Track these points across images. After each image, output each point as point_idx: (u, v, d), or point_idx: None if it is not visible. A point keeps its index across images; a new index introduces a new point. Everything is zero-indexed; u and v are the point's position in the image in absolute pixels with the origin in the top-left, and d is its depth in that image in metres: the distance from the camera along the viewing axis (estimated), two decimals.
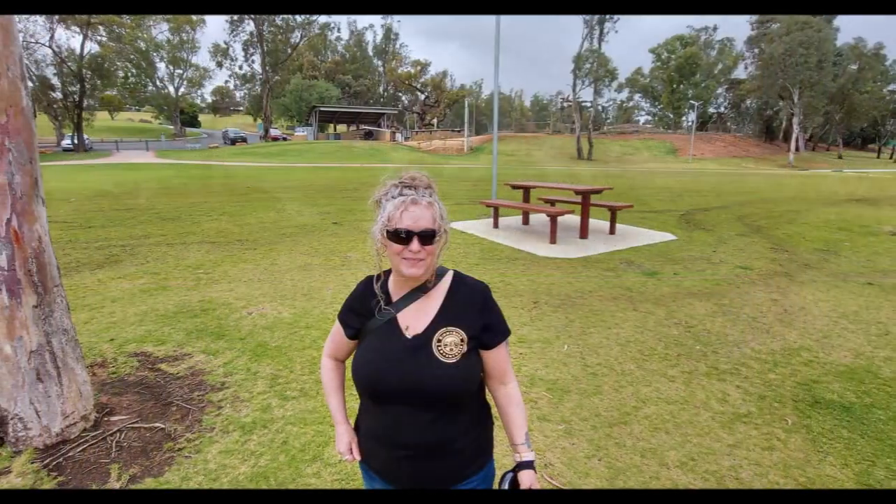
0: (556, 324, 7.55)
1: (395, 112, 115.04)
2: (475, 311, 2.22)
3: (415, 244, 2.04)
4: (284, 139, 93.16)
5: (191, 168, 45.14)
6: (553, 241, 13.04)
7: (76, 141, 68.49)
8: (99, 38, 72.14)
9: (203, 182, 31.36)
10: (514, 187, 16.19)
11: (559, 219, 13.91)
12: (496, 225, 15.47)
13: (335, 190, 26.89)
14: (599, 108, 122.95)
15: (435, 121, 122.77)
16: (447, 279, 2.29)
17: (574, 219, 15.54)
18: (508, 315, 7.49)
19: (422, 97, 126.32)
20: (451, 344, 2.13)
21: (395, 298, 2.26)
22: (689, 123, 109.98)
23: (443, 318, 2.18)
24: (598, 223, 15.81)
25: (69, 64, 68.04)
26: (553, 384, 5.75)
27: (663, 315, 7.97)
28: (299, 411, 5.10)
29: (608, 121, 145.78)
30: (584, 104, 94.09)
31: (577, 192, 14.24)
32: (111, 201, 20.98)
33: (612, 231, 14.53)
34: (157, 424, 4.83)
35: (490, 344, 2.22)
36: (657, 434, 4.82)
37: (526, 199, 16.04)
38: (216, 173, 39.01)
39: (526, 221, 16.29)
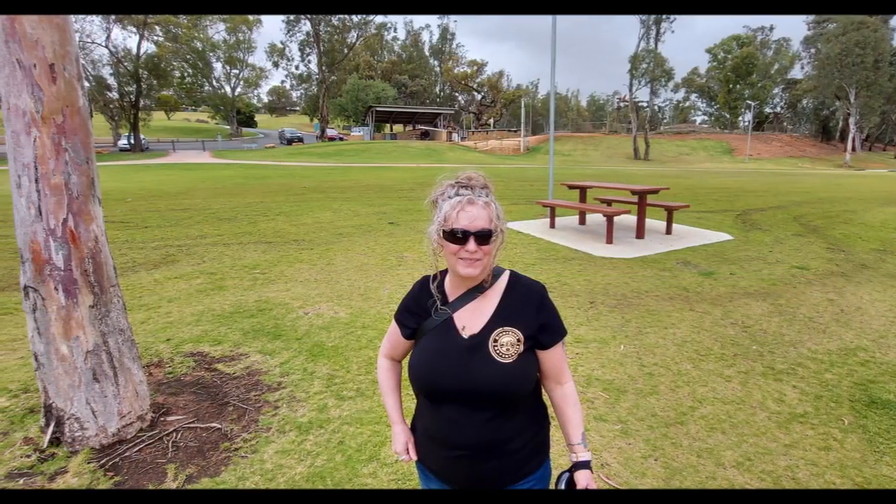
0: (612, 324, 7.44)
1: (452, 112, 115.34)
2: (532, 311, 2.20)
3: (471, 244, 2.04)
4: (341, 139, 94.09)
5: (247, 168, 45.71)
6: (609, 241, 12.88)
7: (132, 141, 69.78)
8: (155, 38, 73.75)
9: (260, 182, 31.77)
10: (571, 187, 16.04)
11: (616, 219, 13.78)
12: (553, 225, 15.33)
13: (391, 190, 27.03)
14: (656, 108, 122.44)
15: (491, 121, 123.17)
16: (504, 279, 2.28)
17: (630, 219, 15.38)
18: (565, 315, 7.42)
19: (478, 97, 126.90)
20: (507, 344, 2.12)
21: (451, 298, 2.26)
22: (746, 123, 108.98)
23: (499, 318, 2.17)
24: (654, 223, 15.59)
25: (126, 64, 69.52)
26: (609, 384, 5.68)
27: (720, 315, 7.83)
28: (356, 411, 5.08)
29: (665, 121, 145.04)
30: (640, 104, 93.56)
31: (634, 192, 14.03)
32: (167, 201, 21.35)
33: (668, 231, 14.30)
34: (213, 424, 4.83)
35: (546, 344, 2.21)
36: (713, 434, 4.75)
37: (582, 199, 15.88)
38: (273, 173, 39.43)
39: (582, 221, 16.12)
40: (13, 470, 4.10)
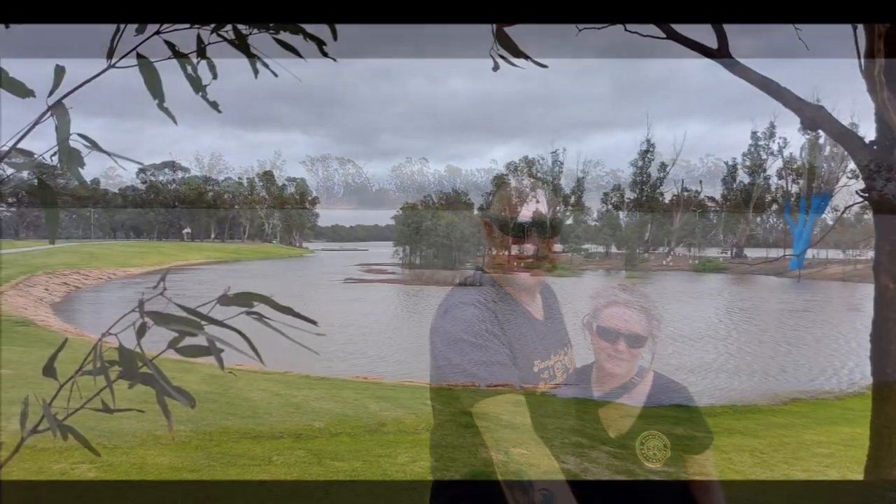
0: None
1: None
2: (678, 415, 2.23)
3: (621, 344, 2.09)
4: None
5: None
6: None
7: None
8: None
9: None
10: None
11: None
12: None
13: None
14: None
15: None
16: (648, 380, 2.26)
17: None
18: None
19: None
20: (654, 447, 2.09)
21: (595, 393, 2.24)
22: None
23: (646, 421, 2.17)
24: None
25: None
26: None
27: None
28: None
29: None
30: None
31: None
32: None
33: None
34: None
35: (694, 449, 2.19)
36: None
37: None
38: None
39: None
40: None
